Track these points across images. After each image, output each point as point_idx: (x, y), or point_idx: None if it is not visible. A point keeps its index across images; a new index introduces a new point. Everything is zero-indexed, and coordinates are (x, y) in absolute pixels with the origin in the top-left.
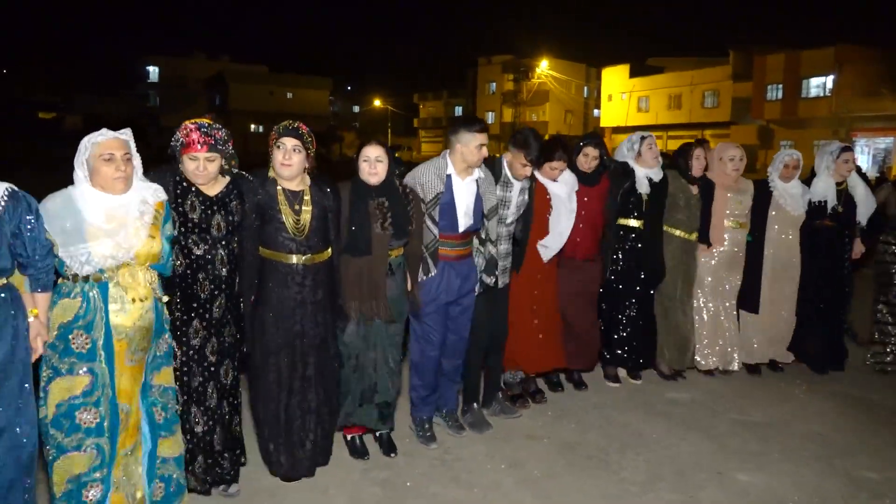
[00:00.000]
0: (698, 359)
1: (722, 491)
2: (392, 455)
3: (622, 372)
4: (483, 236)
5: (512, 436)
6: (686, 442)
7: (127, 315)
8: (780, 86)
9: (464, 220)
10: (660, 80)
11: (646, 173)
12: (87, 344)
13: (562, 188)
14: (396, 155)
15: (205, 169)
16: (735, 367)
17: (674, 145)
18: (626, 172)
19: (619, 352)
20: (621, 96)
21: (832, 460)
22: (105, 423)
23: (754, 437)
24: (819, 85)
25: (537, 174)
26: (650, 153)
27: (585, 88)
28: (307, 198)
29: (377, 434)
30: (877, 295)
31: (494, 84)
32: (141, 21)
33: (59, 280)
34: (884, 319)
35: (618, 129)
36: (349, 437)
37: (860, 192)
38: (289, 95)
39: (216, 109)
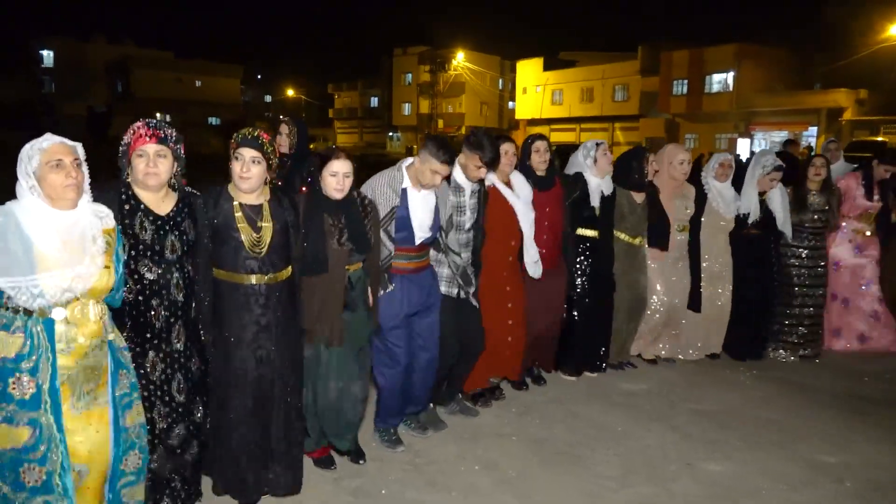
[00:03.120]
0: (644, 346)
1: (695, 482)
2: (361, 462)
3: None
4: (442, 247)
5: (479, 435)
6: (651, 433)
7: (70, 354)
8: (686, 81)
9: (420, 233)
10: (573, 74)
11: (599, 185)
12: (30, 389)
13: (517, 200)
14: (311, 147)
15: (155, 166)
16: (677, 357)
17: (587, 138)
18: (576, 181)
19: (576, 355)
20: (536, 89)
21: (791, 446)
22: (54, 481)
23: (713, 426)
24: (721, 81)
25: (494, 180)
26: (605, 160)
27: (500, 81)
28: (266, 213)
29: None
30: (778, 297)
31: (410, 75)
32: None
33: None
34: (784, 318)
35: (533, 122)
36: (314, 457)
37: (777, 201)
38: (197, 83)
39: (119, 97)
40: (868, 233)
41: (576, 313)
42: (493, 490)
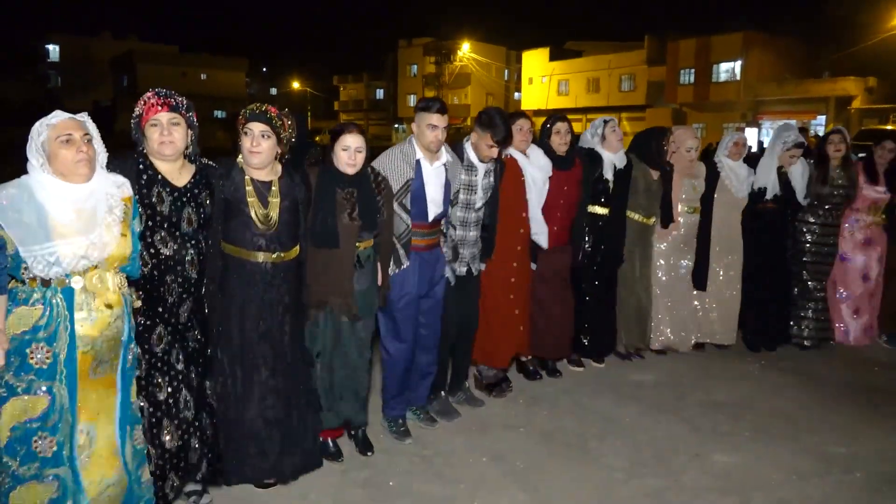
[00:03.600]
0: (652, 338)
1: (703, 474)
2: (369, 454)
3: None
4: (450, 222)
5: (487, 427)
6: (660, 425)
7: (94, 324)
8: (692, 70)
9: (433, 208)
10: (579, 64)
11: (611, 159)
12: (48, 359)
13: (537, 172)
14: (317, 139)
15: (169, 134)
16: (687, 347)
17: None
18: (594, 158)
19: (583, 339)
20: (541, 79)
21: (801, 437)
22: (64, 452)
23: (723, 417)
24: (728, 70)
25: (512, 151)
26: (614, 136)
27: (506, 71)
28: (276, 189)
29: (351, 433)
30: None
31: (416, 66)
32: None
33: (13, 283)
34: (795, 296)
35: (539, 112)
36: (321, 439)
37: (797, 173)
38: (203, 77)
39: (124, 91)
40: (877, 223)
41: (585, 293)
42: (502, 482)
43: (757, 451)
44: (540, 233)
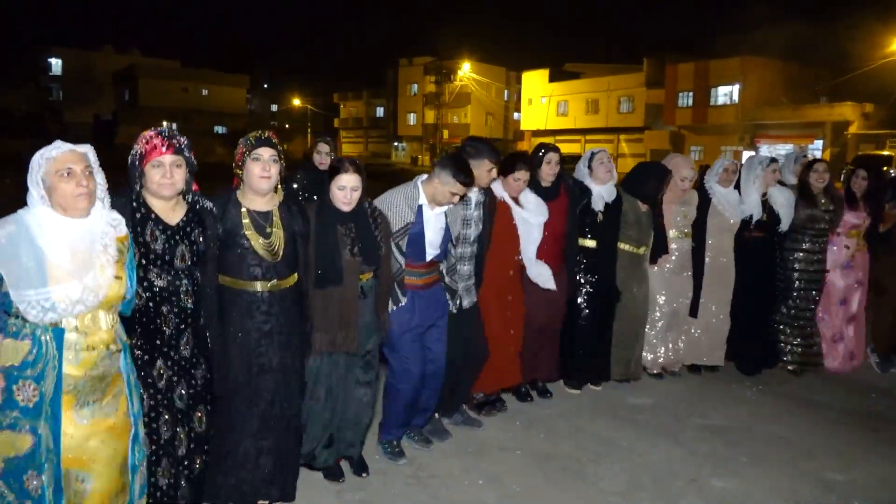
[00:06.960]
0: (650, 361)
1: (701, 499)
2: (364, 475)
3: None
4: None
5: (483, 449)
6: (657, 449)
7: (79, 363)
8: (691, 93)
9: (431, 251)
10: (578, 86)
11: (600, 192)
12: (34, 397)
13: (533, 217)
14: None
15: (172, 176)
16: (678, 366)
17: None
18: (583, 190)
19: (579, 368)
20: (541, 100)
21: (799, 463)
22: (47, 495)
23: (721, 442)
24: (726, 93)
25: (503, 193)
26: (602, 168)
27: (506, 92)
28: (276, 219)
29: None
30: (777, 301)
31: (416, 85)
32: (41, 10)
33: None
34: (782, 321)
35: (538, 133)
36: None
37: (780, 200)
38: (204, 92)
39: (125, 105)
40: (859, 248)
41: (577, 324)
42: None
43: (754, 477)
44: (542, 274)
